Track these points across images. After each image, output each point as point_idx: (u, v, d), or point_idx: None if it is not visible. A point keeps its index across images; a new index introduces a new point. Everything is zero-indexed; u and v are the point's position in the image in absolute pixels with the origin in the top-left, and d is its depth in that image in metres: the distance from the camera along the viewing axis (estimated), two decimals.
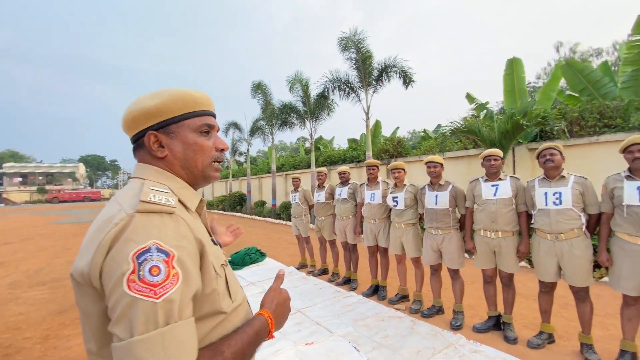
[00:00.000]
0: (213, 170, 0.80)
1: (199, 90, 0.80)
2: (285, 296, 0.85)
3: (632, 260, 2.20)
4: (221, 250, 0.82)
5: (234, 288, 0.76)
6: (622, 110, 5.61)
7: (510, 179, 2.83)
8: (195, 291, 0.62)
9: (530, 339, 2.70)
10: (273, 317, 0.78)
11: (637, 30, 6.05)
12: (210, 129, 0.79)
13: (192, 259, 0.63)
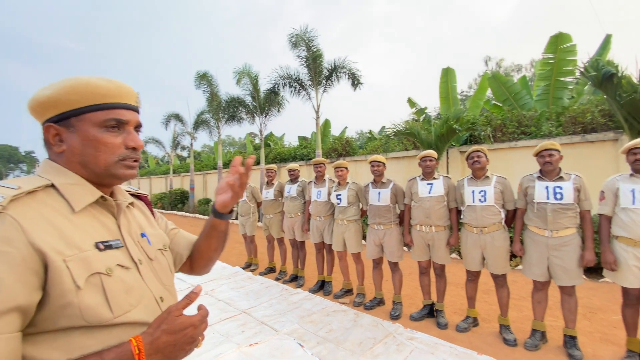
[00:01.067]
0: (123, 168, 0.72)
1: (114, 79, 0.72)
2: (182, 322, 0.66)
3: (540, 250, 2.55)
4: (124, 252, 0.71)
5: (121, 300, 0.65)
6: (536, 119, 6.47)
7: (443, 178, 3.09)
8: (16, 304, 0.54)
9: (458, 323, 2.99)
10: (150, 347, 0.62)
11: (549, 50, 7.01)
12: (121, 124, 0.71)
13: (12, 267, 0.54)
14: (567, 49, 6.59)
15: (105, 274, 0.64)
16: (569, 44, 6.57)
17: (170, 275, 0.85)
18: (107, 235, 0.70)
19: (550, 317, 2.95)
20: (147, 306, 0.71)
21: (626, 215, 2.23)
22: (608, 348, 2.59)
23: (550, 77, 6.97)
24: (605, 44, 6.81)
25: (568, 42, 6.60)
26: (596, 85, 4.51)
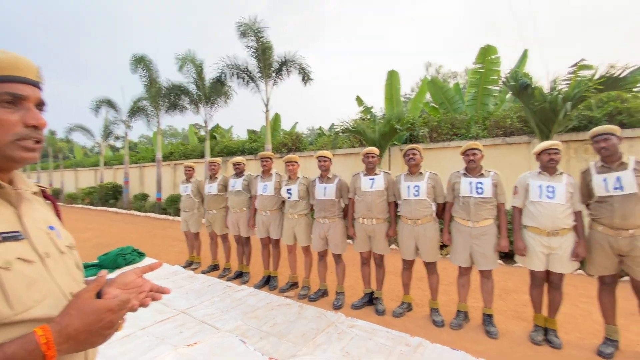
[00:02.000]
0: (19, 149, 0.64)
1: (8, 51, 0.63)
2: (97, 307, 0.62)
3: (464, 239, 2.85)
4: (26, 244, 0.63)
5: (22, 295, 0.59)
6: (466, 122, 7.14)
7: (383, 174, 3.26)
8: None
9: (394, 309, 3.20)
10: (60, 335, 0.58)
11: (478, 60, 7.77)
12: (17, 99, 0.63)
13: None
14: (493, 60, 7.39)
15: (2, 267, 0.57)
16: (495, 56, 7.37)
17: (81, 273, 0.77)
18: (5, 226, 0.62)
19: (473, 299, 3.30)
20: (55, 302, 0.64)
21: (534, 208, 2.59)
22: (519, 324, 2.98)
23: (479, 85, 7.76)
24: (523, 58, 7.77)
25: (494, 54, 7.39)
26: (515, 94, 5.14)
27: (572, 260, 2.48)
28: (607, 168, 2.39)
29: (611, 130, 2.38)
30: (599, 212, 2.42)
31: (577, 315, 3.12)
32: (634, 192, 2.24)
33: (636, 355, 2.41)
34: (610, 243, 2.35)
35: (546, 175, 2.59)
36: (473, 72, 7.97)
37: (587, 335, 2.74)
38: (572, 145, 5.43)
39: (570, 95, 4.40)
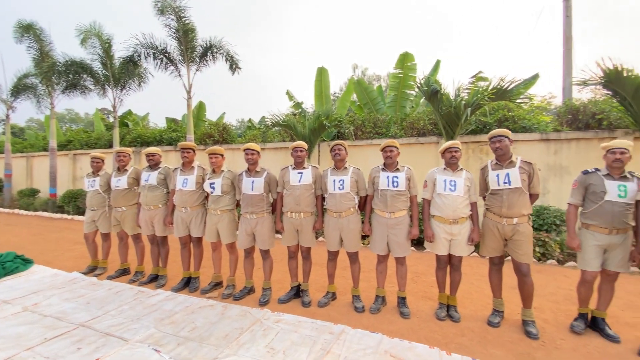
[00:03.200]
0: None
1: None
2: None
3: (382, 229, 3.06)
4: None
5: None
6: (387, 123, 7.71)
7: (311, 168, 3.30)
8: None
9: (319, 299, 3.29)
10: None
11: (398, 65, 8.43)
12: None
13: None
14: (411, 67, 8.11)
15: None
16: (412, 63, 8.10)
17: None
18: None
19: (389, 284, 3.60)
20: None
21: (439, 199, 2.92)
22: (427, 303, 3.35)
23: (398, 88, 8.43)
24: (436, 67, 8.70)
25: (411, 61, 8.11)
26: (427, 98, 5.72)
27: (469, 244, 2.89)
28: (500, 165, 2.82)
29: (505, 133, 2.81)
30: (491, 202, 2.85)
31: (472, 292, 3.65)
32: (519, 187, 2.69)
33: (516, 322, 2.91)
34: (499, 229, 2.79)
35: (449, 171, 2.95)
36: (393, 77, 8.63)
37: (480, 308, 3.22)
38: (471, 146, 6.32)
39: (470, 102, 5.09)
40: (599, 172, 2.61)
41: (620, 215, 2.47)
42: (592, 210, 2.58)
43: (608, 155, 2.56)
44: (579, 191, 2.68)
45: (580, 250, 2.65)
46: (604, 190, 2.51)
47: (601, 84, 4.83)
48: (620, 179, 2.51)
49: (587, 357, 2.40)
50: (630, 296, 3.47)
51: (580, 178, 2.70)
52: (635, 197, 2.46)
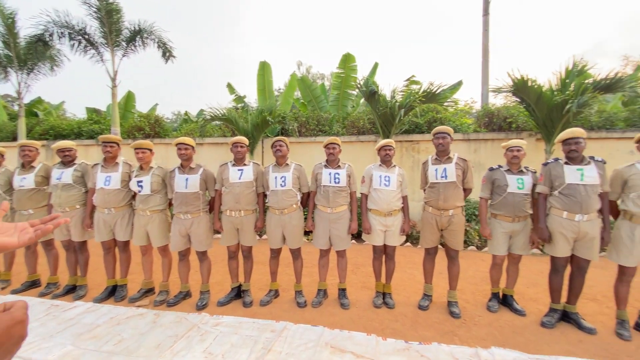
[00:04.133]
0: None
1: None
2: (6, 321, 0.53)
3: (324, 224, 3.12)
4: None
5: None
6: (330, 121, 7.87)
7: (252, 164, 3.21)
8: None
9: (261, 298, 3.24)
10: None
11: (340, 66, 8.63)
12: None
13: None
14: (352, 67, 8.38)
15: None
16: (353, 64, 8.37)
17: None
18: None
19: (331, 276, 3.69)
20: None
21: (375, 194, 3.08)
22: (366, 293, 3.51)
23: (340, 88, 8.66)
24: (374, 69, 9.12)
25: (352, 62, 8.38)
26: (366, 99, 5.98)
27: (401, 234, 3.10)
28: (439, 161, 3.06)
29: (448, 131, 3.05)
30: (430, 195, 3.07)
31: (406, 279, 3.94)
32: (454, 181, 2.95)
33: (442, 304, 3.21)
34: (437, 221, 3.03)
35: (384, 167, 3.12)
36: (336, 76, 8.83)
37: (412, 294, 3.49)
38: (405, 145, 6.78)
39: (403, 104, 5.46)
40: (501, 168, 3.01)
41: (520, 205, 2.87)
42: (498, 201, 2.96)
43: (507, 153, 2.96)
44: (487, 186, 3.05)
45: (490, 238, 3.03)
46: (506, 183, 2.90)
47: (511, 91, 5.56)
48: (518, 173, 2.93)
49: (499, 330, 2.75)
50: (534, 275, 4.07)
51: (487, 174, 3.07)
52: (531, 188, 2.89)
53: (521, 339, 2.60)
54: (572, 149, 2.65)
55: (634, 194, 2.51)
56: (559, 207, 2.70)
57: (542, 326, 2.78)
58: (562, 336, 2.65)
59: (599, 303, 3.25)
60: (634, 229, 2.52)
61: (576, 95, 4.95)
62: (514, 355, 2.32)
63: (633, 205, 2.52)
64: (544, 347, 2.50)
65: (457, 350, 2.39)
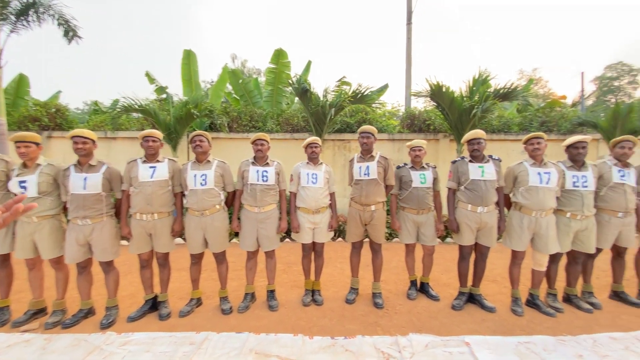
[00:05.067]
0: None
1: None
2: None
3: (251, 224, 2.98)
4: None
5: None
6: (263, 117, 7.66)
7: (168, 161, 2.90)
8: None
9: (181, 308, 2.96)
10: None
11: (273, 61, 8.45)
12: None
13: None
14: (285, 64, 8.27)
15: None
16: (286, 60, 8.27)
17: None
18: None
19: (261, 278, 3.56)
20: None
21: (304, 191, 3.05)
22: (296, 292, 3.47)
23: (274, 84, 8.49)
24: (307, 67, 9.15)
25: (285, 58, 8.28)
26: (298, 96, 5.95)
27: (329, 231, 3.13)
28: (363, 159, 3.14)
29: (372, 130, 3.12)
30: (354, 192, 3.14)
31: (336, 274, 4.01)
32: (375, 178, 3.05)
33: (368, 296, 3.33)
34: (360, 216, 3.11)
35: (311, 165, 3.11)
36: (269, 72, 8.63)
37: (341, 288, 3.55)
38: (337, 143, 6.96)
39: (334, 103, 5.57)
40: (406, 166, 3.26)
41: (423, 198, 3.13)
42: (405, 196, 3.20)
43: (411, 152, 3.22)
44: (396, 183, 3.27)
45: (400, 230, 3.25)
46: (411, 179, 3.15)
47: (429, 96, 6.08)
48: (420, 169, 3.20)
49: (417, 316, 2.95)
50: (448, 262, 4.49)
51: (395, 172, 3.28)
52: (432, 182, 3.18)
53: (436, 323, 2.83)
54: (474, 148, 2.97)
55: (522, 188, 2.91)
56: (464, 201, 3.00)
57: (452, 309, 3.07)
58: (469, 316, 2.95)
59: (498, 284, 3.73)
60: (523, 218, 2.93)
61: (480, 101, 5.64)
62: (429, 339, 2.50)
63: (522, 198, 2.92)
64: (454, 328, 2.75)
65: (379, 340, 2.49)
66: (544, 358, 2.27)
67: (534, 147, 2.88)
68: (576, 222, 2.91)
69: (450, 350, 2.37)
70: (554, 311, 2.97)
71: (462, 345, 2.43)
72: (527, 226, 2.90)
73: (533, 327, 2.77)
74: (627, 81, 26.50)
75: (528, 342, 2.47)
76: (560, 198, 2.93)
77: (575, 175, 2.89)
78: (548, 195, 2.83)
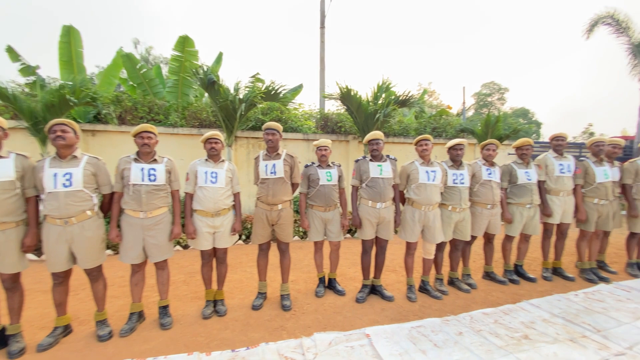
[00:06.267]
0: None
1: None
2: None
3: (136, 232, 2.55)
4: None
5: None
6: (166, 109, 6.85)
7: (16, 156, 2.27)
8: None
9: (40, 341, 2.35)
10: None
11: (177, 48, 7.64)
12: None
13: None
14: (192, 53, 7.57)
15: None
16: (193, 49, 7.58)
17: None
18: None
19: (151, 292, 3.11)
20: None
21: (201, 192, 2.75)
22: (196, 304, 3.10)
23: (179, 73, 7.69)
24: (219, 59, 8.58)
25: (191, 46, 7.58)
26: (203, 87, 5.48)
27: (232, 234, 2.90)
28: (269, 157, 3.00)
29: (277, 127, 2.98)
30: (261, 191, 2.98)
31: (244, 280, 3.78)
32: (282, 177, 2.93)
33: (276, 299, 3.20)
34: (267, 216, 2.96)
35: (211, 162, 2.84)
36: (173, 59, 7.78)
37: (249, 294, 3.35)
38: (252, 141, 6.68)
39: (245, 99, 5.30)
40: (314, 164, 3.30)
41: (330, 195, 3.21)
42: (313, 194, 3.23)
43: (317, 151, 3.26)
44: (304, 181, 3.28)
45: (309, 229, 3.26)
46: (319, 177, 3.20)
47: (339, 99, 6.31)
48: (327, 168, 3.26)
49: (323, 314, 2.96)
50: (355, 256, 4.70)
51: (303, 171, 3.30)
52: (337, 179, 3.28)
53: (340, 318, 2.88)
54: (374, 148, 3.14)
55: (414, 185, 3.19)
56: (365, 197, 3.15)
57: (356, 302, 3.19)
58: (371, 308, 3.10)
59: (397, 273, 4.05)
60: (414, 212, 3.21)
61: (383, 107, 6.10)
62: (332, 337, 2.51)
63: (413, 194, 3.20)
64: (357, 321, 2.84)
65: (283, 345, 2.39)
66: (431, 339, 2.49)
67: (422, 148, 3.19)
68: (456, 214, 3.33)
69: (352, 344, 2.41)
70: (440, 294, 3.35)
71: (363, 338, 2.50)
72: (418, 219, 3.19)
73: (424, 310, 3.06)
74: (497, 97, 32.71)
75: (419, 326, 2.70)
76: (443, 193, 3.31)
77: (454, 173, 3.31)
78: (434, 191, 3.16)
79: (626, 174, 3.86)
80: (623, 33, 10.37)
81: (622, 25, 10.27)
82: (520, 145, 3.67)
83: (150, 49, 28.24)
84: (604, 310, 2.98)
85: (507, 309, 3.04)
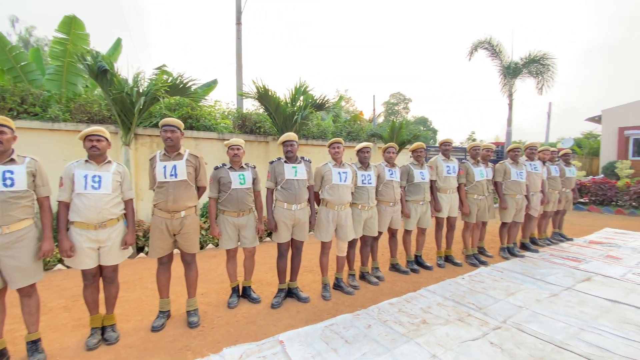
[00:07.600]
0: None
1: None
2: None
3: None
4: None
5: None
6: (44, 100, 5.65)
7: None
8: None
9: None
10: None
11: (62, 29, 6.42)
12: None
13: None
14: (80, 36, 6.45)
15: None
16: (82, 32, 6.47)
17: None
18: None
19: (15, 323, 2.49)
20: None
21: (79, 200, 2.28)
22: (79, 333, 2.61)
23: (64, 59, 6.46)
24: (116, 46, 7.51)
25: (81, 29, 6.47)
26: (92, 75, 4.69)
27: (123, 249, 2.50)
28: (168, 157, 2.65)
29: (177, 123, 2.66)
30: (158, 197, 2.62)
31: (144, 298, 3.32)
32: (185, 179, 2.63)
33: (182, 317, 2.88)
34: (167, 225, 2.62)
35: (93, 165, 2.39)
36: (55, 42, 6.50)
37: (148, 314, 2.94)
38: (156, 140, 5.99)
39: (145, 92, 4.71)
40: (225, 166, 3.09)
41: (243, 199, 3.03)
42: (224, 198, 3.02)
43: (229, 151, 3.06)
44: (214, 185, 3.05)
45: (220, 237, 3.06)
46: (230, 180, 3.00)
47: (256, 98, 6.14)
48: (239, 170, 3.08)
49: (235, 326, 2.78)
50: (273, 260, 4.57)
51: (212, 174, 3.07)
52: (251, 182, 3.13)
53: (254, 327, 2.75)
54: (288, 149, 3.10)
55: (327, 185, 3.27)
56: (281, 200, 3.09)
57: (271, 308, 3.10)
58: (286, 312, 3.04)
59: (314, 273, 4.10)
60: (329, 212, 3.28)
61: (301, 109, 6.16)
62: (243, 349, 2.37)
63: (327, 195, 3.27)
64: (272, 328, 2.74)
65: None
66: (343, 336, 2.56)
67: (335, 151, 3.28)
68: (365, 212, 3.52)
69: (264, 354, 2.32)
70: (353, 290, 3.50)
71: (276, 345, 2.43)
72: (332, 219, 3.27)
73: (337, 307, 3.14)
74: (402, 107, 36.56)
75: (332, 325, 2.76)
76: (354, 193, 3.47)
77: (363, 174, 3.50)
78: (346, 191, 3.28)
79: (497, 173, 4.66)
80: (497, 57, 12.61)
81: (496, 49, 12.49)
82: (415, 148, 4.12)
83: (31, 28, 23.47)
84: (484, 290, 3.52)
85: (409, 297, 3.34)
